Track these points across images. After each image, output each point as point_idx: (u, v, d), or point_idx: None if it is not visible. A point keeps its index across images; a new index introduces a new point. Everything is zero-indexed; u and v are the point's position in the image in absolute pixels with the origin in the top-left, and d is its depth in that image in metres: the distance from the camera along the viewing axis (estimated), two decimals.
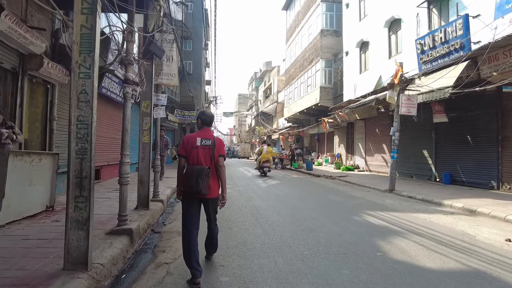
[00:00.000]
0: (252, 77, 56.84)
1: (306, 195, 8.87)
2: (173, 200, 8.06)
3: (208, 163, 3.20)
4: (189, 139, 3.27)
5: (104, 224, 4.60)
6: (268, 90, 45.11)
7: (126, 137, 4.32)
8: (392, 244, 4.28)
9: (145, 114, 5.87)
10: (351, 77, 18.26)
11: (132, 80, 4.41)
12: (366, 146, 17.08)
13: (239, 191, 9.38)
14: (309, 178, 14.69)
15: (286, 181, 12.58)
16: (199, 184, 3.02)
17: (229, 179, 12.88)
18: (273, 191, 9.54)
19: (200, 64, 23.47)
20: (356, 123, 18.00)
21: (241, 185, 10.93)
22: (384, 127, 15.17)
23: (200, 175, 3.05)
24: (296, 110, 26.21)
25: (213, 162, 3.24)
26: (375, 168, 16.10)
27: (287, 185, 11.27)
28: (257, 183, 11.60)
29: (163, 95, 7.04)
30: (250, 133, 55.73)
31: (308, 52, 23.64)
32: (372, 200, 8.13)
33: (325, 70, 21.43)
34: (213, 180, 3.23)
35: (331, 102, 21.23)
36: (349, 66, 18.55)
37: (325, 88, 21.29)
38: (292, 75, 28.27)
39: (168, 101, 20.08)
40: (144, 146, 5.89)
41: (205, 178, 3.07)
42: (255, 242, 4.30)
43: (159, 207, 6.26)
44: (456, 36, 9.37)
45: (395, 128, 9.81)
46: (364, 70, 16.98)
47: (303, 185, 11.48)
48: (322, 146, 24.64)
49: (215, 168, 3.26)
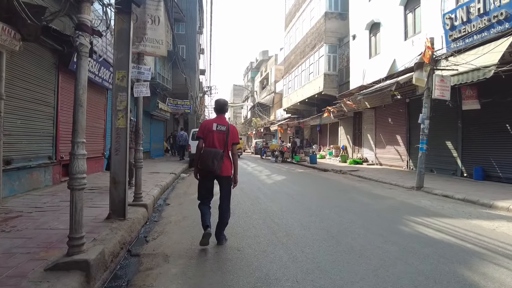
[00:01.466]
0: (248, 67, 55.03)
1: (323, 195, 7.40)
2: (162, 202, 6.52)
3: (222, 147, 3.69)
4: (206, 124, 3.80)
5: (51, 248, 3.06)
6: (265, 81, 43.44)
7: (79, 115, 2.73)
8: (487, 277, 2.82)
9: (120, 88, 4.24)
10: (359, 62, 16.75)
11: (90, 27, 2.82)
12: (376, 138, 15.66)
13: (242, 189, 7.87)
14: (316, 172, 13.24)
15: (293, 177, 11.10)
16: (215, 164, 3.56)
17: None
18: (282, 189, 8.05)
19: (194, 49, 21.74)
20: (365, 112, 16.55)
21: (243, 182, 9.42)
22: (399, 116, 13.74)
23: (216, 157, 3.56)
24: (296, 100, 24.68)
25: (227, 146, 3.72)
26: (387, 161, 14.71)
27: (295, 181, 9.79)
28: (261, 179, 10.10)
29: (146, 68, 5.42)
30: (246, 125, 54.12)
31: (310, 37, 22.03)
32: (405, 201, 6.70)
33: (329, 55, 19.87)
34: (226, 161, 3.71)
35: (335, 90, 19.73)
36: (357, 51, 17.03)
37: (329, 75, 19.76)
38: (291, 63, 26.66)
39: (160, 89, 18.40)
40: (118, 133, 4.28)
41: (220, 160, 3.60)
42: (282, 278, 2.80)
43: (141, 214, 4.72)
44: (500, 6, 7.89)
45: (425, 114, 8.34)
46: (374, 55, 15.47)
47: (313, 181, 10.02)
48: (324, 138, 23.20)
49: (228, 152, 3.77)
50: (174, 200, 6.65)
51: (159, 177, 8.95)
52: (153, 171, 10.43)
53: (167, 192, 7.63)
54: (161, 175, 9.57)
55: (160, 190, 7.07)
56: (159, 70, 17.93)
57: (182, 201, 6.47)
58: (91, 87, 9.52)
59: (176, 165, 13.50)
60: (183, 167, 12.88)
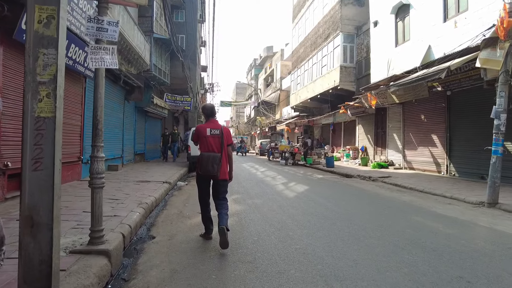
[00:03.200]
0: (251, 64, 52.93)
1: (373, 217, 5.31)
2: (145, 231, 4.46)
3: (219, 150, 3.80)
4: (200, 129, 3.90)
5: None
6: (270, 78, 41.37)
7: None
8: None
9: (42, 41, 2.14)
10: (382, 52, 14.66)
11: None
12: (405, 138, 13.55)
13: (258, 207, 5.82)
14: (339, 179, 11.16)
15: (315, 186, 9.01)
16: (215, 169, 3.70)
17: (236, 182, 9.31)
18: (311, 207, 5.97)
19: (195, 39, 19.68)
20: (390, 108, 14.45)
21: (256, 194, 7.36)
22: (436, 112, 11.64)
23: (215, 161, 3.70)
24: (306, 96, 22.60)
25: (223, 149, 3.82)
26: (419, 165, 12.60)
27: (322, 193, 7.71)
28: (279, 191, 8.02)
29: (111, 21, 3.31)
30: (249, 125, 52.06)
31: (323, 27, 19.94)
32: (495, 228, 4.61)
33: (345, 46, 17.79)
34: (224, 164, 3.87)
35: (353, 84, 17.66)
36: (379, 39, 14.94)
37: (346, 67, 17.67)
38: (300, 57, 24.57)
39: (156, 82, 16.35)
40: (39, 127, 2.19)
41: (219, 163, 3.74)
42: None
43: (95, 274, 2.65)
44: None
45: (501, 107, 6.25)
46: (402, 42, 13.38)
47: (344, 192, 7.93)
48: (338, 137, 21.11)
49: (225, 155, 3.86)
50: (163, 228, 4.59)
51: (148, 189, 6.89)
52: (142, 179, 8.37)
53: (156, 213, 5.58)
54: (151, 185, 7.51)
55: (144, 213, 5.00)
56: (155, 62, 15.88)
57: (175, 231, 4.40)
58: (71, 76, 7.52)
59: (172, 169, 11.45)
60: (181, 173, 10.83)
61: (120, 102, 11.58)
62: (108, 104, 10.27)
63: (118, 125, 11.38)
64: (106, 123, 10.05)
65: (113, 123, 10.81)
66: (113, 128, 10.75)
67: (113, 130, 10.76)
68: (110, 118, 10.50)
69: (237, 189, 8.02)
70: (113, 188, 6.85)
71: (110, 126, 10.50)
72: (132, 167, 11.87)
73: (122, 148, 11.86)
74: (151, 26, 15.45)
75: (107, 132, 9.96)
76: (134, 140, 13.52)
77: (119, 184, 7.54)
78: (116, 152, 11.15)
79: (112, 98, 10.61)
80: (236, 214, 5.24)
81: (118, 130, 11.46)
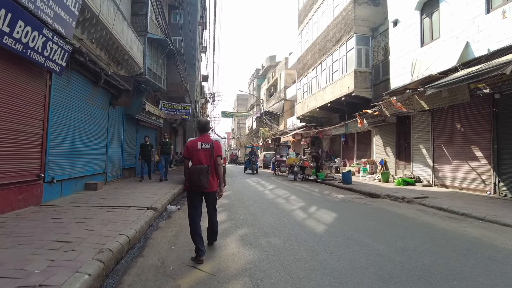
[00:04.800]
0: (254, 75, 51.54)
1: (460, 271, 3.41)
2: None
3: (208, 163, 3.90)
4: (192, 144, 3.99)
5: None
6: (273, 88, 39.86)
7: None
8: None
9: None
10: (404, 53, 12.99)
11: None
12: (436, 150, 11.69)
13: (277, 253, 3.97)
14: (364, 200, 9.25)
15: (344, 212, 7.08)
16: (201, 180, 3.72)
17: (241, 204, 7.43)
18: (358, 253, 4.04)
19: (195, 42, 18.04)
20: (415, 117, 12.64)
21: (271, 226, 5.47)
22: (477, 119, 9.83)
23: (201, 173, 3.74)
24: (314, 105, 20.86)
25: (212, 161, 3.93)
26: (455, 182, 10.69)
27: (359, 224, 5.79)
28: (300, 220, 6.10)
29: None
30: (251, 137, 50.30)
31: (334, 30, 18.37)
32: None
33: (360, 49, 16.14)
34: (212, 177, 3.94)
35: (368, 91, 15.94)
36: (400, 39, 13.29)
37: (361, 72, 15.97)
38: (307, 63, 22.98)
39: (150, 88, 14.63)
40: None
41: (206, 174, 3.78)
42: None
43: None
44: None
45: None
46: (429, 40, 11.70)
47: (385, 222, 6.02)
48: (350, 150, 19.25)
49: (214, 167, 3.95)
50: None
51: (122, 221, 5.00)
52: (122, 204, 6.47)
53: (125, 263, 3.69)
54: (130, 213, 5.63)
55: (101, 271, 3.11)
56: (149, 65, 14.20)
57: None
58: (26, 69, 5.74)
59: (164, 188, 9.56)
60: (174, 192, 8.95)
61: (104, 108, 9.79)
62: (87, 109, 8.48)
63: (100, 134, 9.57)
64: (84, 132, 8.24)
65: (94, 132, 9.00)
66: (92, 138, 8.93)
67: (93, 141, 8.95)
68: (90, 126, 8.69)
69: (243, 218, 6.12)
70: (75, 220, 4.97)
71: (89, 136, 8.69)
72: (116, 185, 9.98)
73: (105, 162, 10.01)
74: (145, 25, 13.83)
75: (84, 143, 8.16)
76: (122, 153, 11.67)
77: (88, 211, 5.66)
78: (97, 167, 9.30)
79: (92, 102, 8.83)
80: (247, 271, 3.35)
81: (101, 141, 9.65)
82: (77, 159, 7.95)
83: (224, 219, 6.02)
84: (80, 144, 8.06)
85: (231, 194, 9.79)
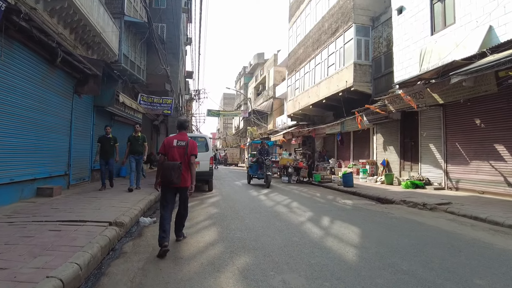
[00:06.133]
0: (241, 73, 49.99)
1: None
2: None
3: (182, 159, 4.04)
4: (168, 141, 4.18)
5: None
6: (261, 86, 38.40)
7: None
8: None
9: None
10: (411, 42, 11.80)
11: None
12: (448, 149, 10.50)
13: None
14: (376, 206, 7.88)
15: (364, 224, 5.63)
16: (172, 175, 3.85)
17: (234, 215, 5.91)
18: None
19: (178, 30, 16.35)
20: (424, 113, 11.43)
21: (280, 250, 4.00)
22: (502, 113, 8.65)
23: (173, 169, 3.87)
24: (307, 102, 19.52)
25: (186, 158, 4.08)
26: (473, 185, 9.49)
27: (391, 241, 4.37)
28: (317, 241, 4.58)
29: None
30: (238, 137, 48.69)
31: (329, 21, 17.09)
32: None
33: (359, 40, 14.88)
34: (185, 172, 4.07)
35: (369, 85, 14.71)
36: (406, 28, 12.09)
37: (360, 65, 14.71)
38: (299, 58, 21.66)
39: (127, 78, 12.89)
40: None
41: (177, 170, 3.89)
42: None
43: None
44: None
45: None
46: (442, 27, 10.50)
47: (422, 240, 4.61)
48: (346, 150, 17.98)
49: (187, 164, 4.11)
50: None
51: (65, 247, 3.38)
52: (76, 218, 4.81)
53: None
54: (84, 232, 4.01)
55: None
56: (126, 52, 12.46)
57: None
58: None
59: (138, 194, 7.90)
60: (150, 199, 7.31)
61: (66, 96, 8.07)
62: (40, 95, 6.76)
63: (60, 128, 7.84)
64: (35, 123, 6.50)
65: (50, 124, 7.27)
66: (49, 132, 7.20)
67: (49, 135, 7.22)
68: (44, 117, 6.96)
69: (240, 236, 4.59)
70: None
71: (43, 129, 6.95)
72: (82, 190, 8.26)
73: (68, 162, 8.27)
74: (121, 7, 12.10)
75: (36, 137, 6.44)
76: (92, 151, 9.90)
77: (21, 230, 4.01)
78: (55, 167, 7.56)
79: (48, 87, 7.10)
80: None
81: (62, 136, 7.92)
82: (24, 158, 6.22)
83: (214, 238, 4.48)
84: (28, 138, 6.34)
85: (220, 200, 8.24)
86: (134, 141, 8.79)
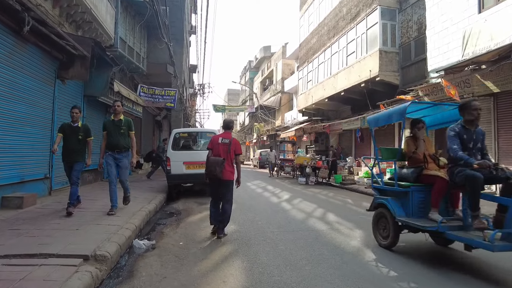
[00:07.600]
0: (246, 67, 48.37)
1: None
2: None
3: (225, 156, 4.49)
4: (214, 138, 4.70)
5: None
6: (267, 80, 36.79)
7: None
8: None
9: None
10: (450, 24, 10.17)
11: None
12: (501, 146, 8.93)
13: None
14: None
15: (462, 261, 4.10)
16: (216, 170, 4.31)
17: (261, 236, 4.39)
18: None
19: (183, 14, 14.79)
20: None
21: None
22: None
23: (217, 164, 4.35)
24: (322, 95, 17.92)
25: (229, 155, 4.53)
26: None
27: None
28: None
29: None
30: (243, 133, 47.19)
31: (349, 5, 15.44)
32: None
33: (385, 24, 13.25)
34: (228, 167, 4.47)
35: (396, 75, 13.11)
36: (444, 8, 10.45)
37: (386, 52, 13.10)
38: (312, 48, 20.03)
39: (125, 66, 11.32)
40: None
41: (221, 165, 4.34)
42: None
43: None
44: None
45: None
46: (495, 2, 8.85)
47: None
48: (365, 147, 16.39)
49: (231, 160, 4.56)
50: None
51: None
52: (31, 253, 3.26)
53: None
54: (38, 279, 2.49)
55: None
56: (123, 35, 10.92)
57: None
58: None
59: (131, 206, 6.39)
60: (149, 209, 5.81)
61: (46, 81, 6.55)
62: (7, 76, 5.24)
63: (39, 121, 6.35)
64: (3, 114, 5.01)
65: (24, 115, 5.77)
66: (22, 126, 5.70)
67: (22, 130, 5.72)
68: (14, 106, 5.45)
69: (279, 279, 3.07)
70: None
71: (13, 122, 5.45)
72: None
73: (49, 162, 6.78)
74: None
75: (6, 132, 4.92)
76: None
77: None
78: (30, 170, 6.05)
79: (19, 68, 5.59)
80: None
81: (41, 130, 6.43)
82: None
83: (242, 284, 2.94)
84: None
85: (236, 210, 6.69)
86: (113, 128, 5.24)
